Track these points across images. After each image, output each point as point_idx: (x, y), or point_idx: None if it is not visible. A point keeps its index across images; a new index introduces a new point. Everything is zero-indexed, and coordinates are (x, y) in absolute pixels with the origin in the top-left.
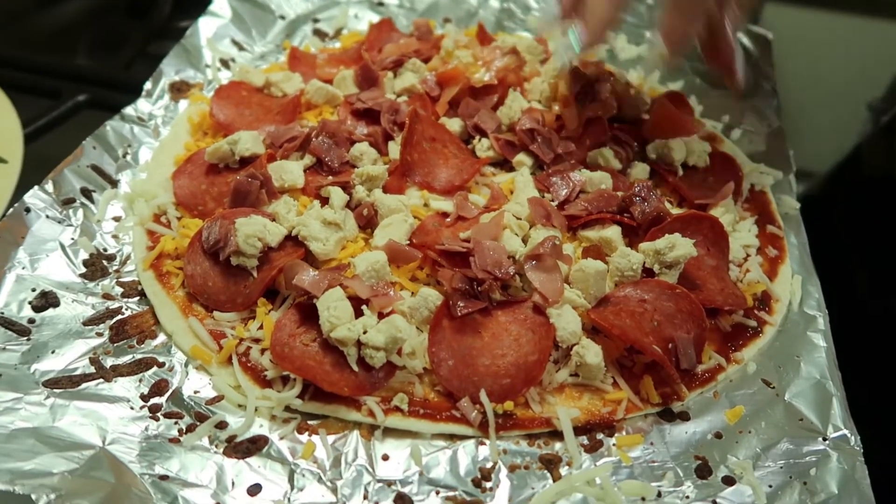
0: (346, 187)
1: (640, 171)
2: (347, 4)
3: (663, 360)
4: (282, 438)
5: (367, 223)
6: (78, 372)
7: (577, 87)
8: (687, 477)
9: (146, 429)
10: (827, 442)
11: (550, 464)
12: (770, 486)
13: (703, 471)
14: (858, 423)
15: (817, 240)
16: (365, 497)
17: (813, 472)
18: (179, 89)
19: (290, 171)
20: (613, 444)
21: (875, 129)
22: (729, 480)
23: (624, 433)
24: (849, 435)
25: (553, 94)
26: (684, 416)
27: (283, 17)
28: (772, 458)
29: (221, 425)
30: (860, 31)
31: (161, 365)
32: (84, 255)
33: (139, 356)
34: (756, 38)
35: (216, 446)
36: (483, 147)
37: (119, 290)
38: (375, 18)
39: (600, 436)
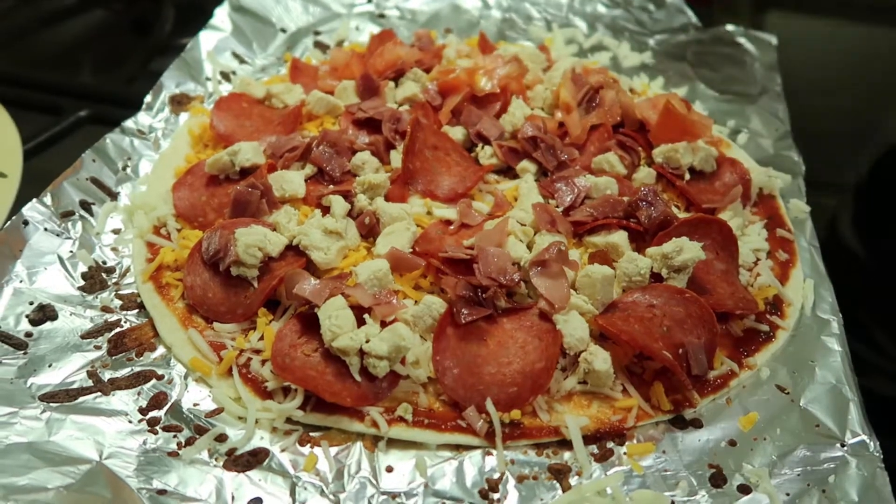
0: (348, 196)
1: (645, 175)
2: (348, 17)
3: (674, 366)
4: (283, 451)
5: (369, 232)
6: (75, 385)
7: (579, 94)
8: (701, 486)
9: (144, 442)
10: (845, 448)
11: (560, 474)
12: (787, 495)
13: (718, 479)
14: (877, 429)
15: (834, 243)
16: None
17: (831, 479)
18: (180, 102)
19: (290, 180)
20: (624, 453)
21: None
22: (745, 489)
23: (635, 441)
24: (867, 440)
25: (555, 101)
26: (697, 424)
27: (283, 30)
28: (788, 466)
29: (221, 438)
30: (867, 38)
31: (160, 377)
32: (83, 268)
33: (138, 369)
34: (761, 43)
35: (216, 459)
36: (486, 155)
37: (118, 302)
38: (376, 30)
39: (610, 444)
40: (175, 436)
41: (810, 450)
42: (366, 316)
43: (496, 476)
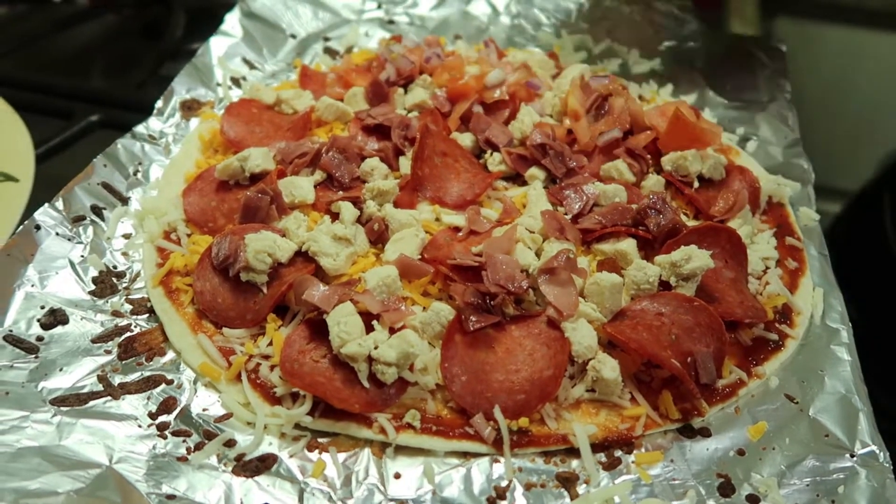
0: (357, 202)
1: (654, 183)
2: (358, 23)
3: (682, 375)
4: (291, 456)
5: (378, 238)
6: (86, 390)
7: (588, 101)
8: (709, 495)
9: (154, 447)
10: (854, 458)
11: (567, 482)
12: None
13: (726, 489)
14: (887, 439)
15: (843, 251)
16: None
17: (841, 489)
18: (190, 107)
19: (300, 186)
20: (632, 462)
21: None
22: (753, 499)
23: (643, 450)
24: (877, 451)
25: (564, 108)
26: (705, 433)
27: (293, 36)
28: (797, 476)
29: (230, 443)
30: (877, 44)
31: (169, 382)
32: (93, 273)
33: (147, 374)
34: (770, 51)
35: (224, 465)
36: (495, 161)
37: (128, 307)
38: (386, 36)
39: (618, 453)
40: (184, 441)
41: (819, 460)
42: (374, 322)
43: (504, 484)
